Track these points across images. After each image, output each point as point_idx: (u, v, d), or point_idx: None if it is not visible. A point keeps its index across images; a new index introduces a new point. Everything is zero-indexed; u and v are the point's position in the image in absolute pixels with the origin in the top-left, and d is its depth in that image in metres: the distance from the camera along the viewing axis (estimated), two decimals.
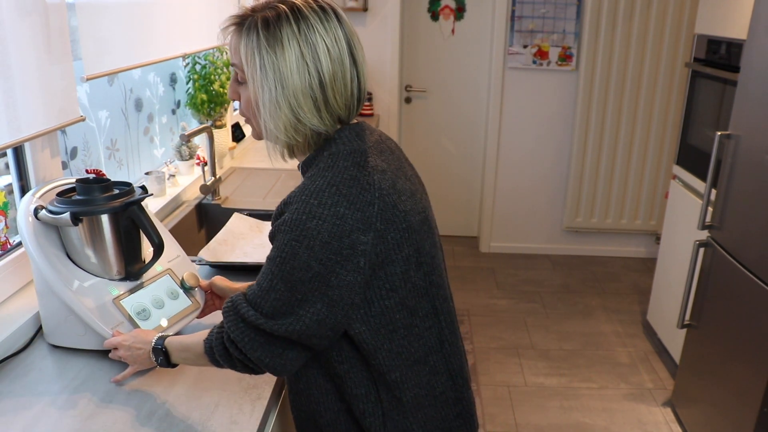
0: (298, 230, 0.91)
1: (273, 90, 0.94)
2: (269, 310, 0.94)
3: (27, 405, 1.07)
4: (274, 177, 2.41)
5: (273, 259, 0.93)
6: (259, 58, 0.94)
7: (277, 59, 0.93)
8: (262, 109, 0.96)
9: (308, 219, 0.91)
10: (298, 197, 0.93)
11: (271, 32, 0.93)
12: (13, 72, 1.19)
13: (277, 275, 0.93)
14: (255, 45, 0.94)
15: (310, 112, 0.96)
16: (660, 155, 3.84)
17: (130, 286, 1.23)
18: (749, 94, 2.06)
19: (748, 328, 2.00)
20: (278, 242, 0.93)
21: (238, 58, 0.97)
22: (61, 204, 1.16)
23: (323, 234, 0.90)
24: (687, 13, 3.53)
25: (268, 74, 0.94)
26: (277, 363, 0.96)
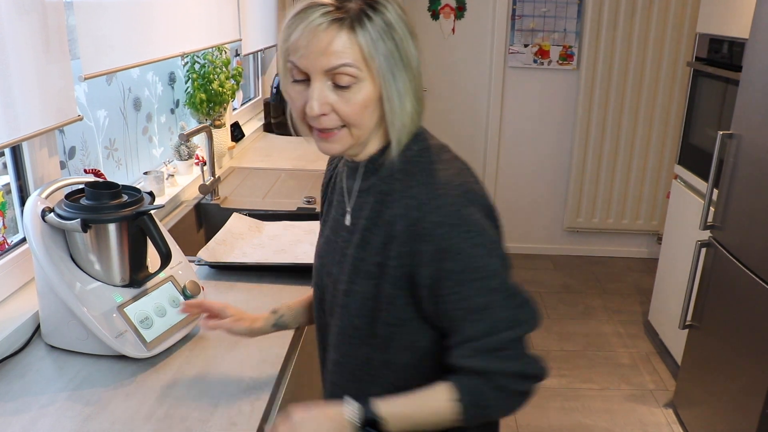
0: (461, 222, 0.85)
1: (400, 76, 0.86)
2: (510, 315, 0.87)
3: (25, 406, 1.06)
4: (274, 177, 2.41)
5: (464, 268, 0.85)
6: (383, 45, 0.84)
7: (397, 41, 0.86)
8: (389, 102, 0.87)
9: (461, 208, 0.87)
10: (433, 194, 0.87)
11: (379, 15, 0.85)
12: (11, 71, 1.18)
13: (480, 278, 0.86)
14: (374, 33, 0.84)
15: (421, 92, 0.90)
16: (661, 155, 3.83)
17: (134, 293, 1.22)
18: (751, 93, 2.06)
19: (750, 328, 1.99)
20: (452, 247, 0.85)
21: (353, 56, 0.84)
22: (71, 209, 1.14)
23: (478, 219, 0.87)
24: (688, 12, 3.53)
25: (394, 60, 0.86)
26: (544, 363, 0.91)
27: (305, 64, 0.86)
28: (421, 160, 0.92)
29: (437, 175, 0.89)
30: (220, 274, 1.55)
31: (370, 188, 0.95)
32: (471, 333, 0.87)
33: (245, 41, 2.70)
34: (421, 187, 0.88)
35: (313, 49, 0.84)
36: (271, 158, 2.70)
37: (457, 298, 0.86)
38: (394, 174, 0.92)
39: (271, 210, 1.96)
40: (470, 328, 0.87)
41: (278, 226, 1.83)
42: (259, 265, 1.56)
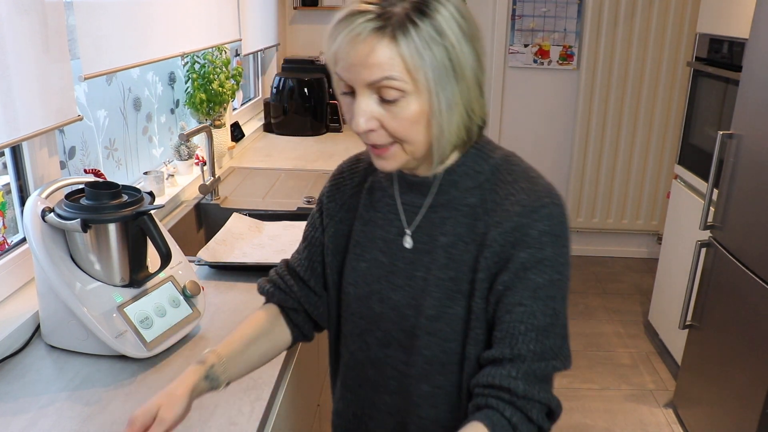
0: (563, 234, 0.82)
1: (449, 87, 0.78)
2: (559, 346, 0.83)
3: (25, 406, 1.06)
4: (274, 177, 2.41)
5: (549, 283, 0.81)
6: (428, 55, 0.76)
7: (448, 48, 0.77)
8: (439, 116, 0.79)
9: (565, 219, 0.83)
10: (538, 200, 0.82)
11: (430, 19, 0.76)
12: (10, 71, 1.18)
13: (557, 297, 0.82)
14: (420, 42, 0.76)
15: (477, 100, 0.83)
16: (661, 155, 3.83)
17: (134, 293, 1.22)
18: (751, 93, 2.06)
19: (750, 328, 1.99)
20: (549, 259, 0.81)
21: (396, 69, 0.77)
22: (71, 209, 1.14)
23: (569, 232, 0.84)
24: (689, 12, 3.53)
25: (442, 70, 0.77)
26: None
27: (348, 76, 0.80)
28: (513, 168, 0.87)
29: (539, 182, 0.85)
30: (220, 274, 1.55)
31: (451, 202, 0.88)
32: (524, 352, 0.81)
33: (245, 41, 2.70)
34: (525, 193, 0.83)
35: (354, 60, 0.77)
36: (271, 158, 2.70)
37: (524, 311, 0.81)
38: (482, 184, 0.87)
39: (271, 210, 1.96)
40: (525, 347, 0.81)
41: (278, 226, 1.83)
42: (259, 265, 1.56)
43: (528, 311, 0.81)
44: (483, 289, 0.84)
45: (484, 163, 0.88)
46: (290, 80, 3.05)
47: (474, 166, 0.88)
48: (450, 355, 0.88)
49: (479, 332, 0.86)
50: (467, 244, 0.86)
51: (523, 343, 0.81)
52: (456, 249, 0.86)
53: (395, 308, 0.92)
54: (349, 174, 1.02)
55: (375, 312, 0.94)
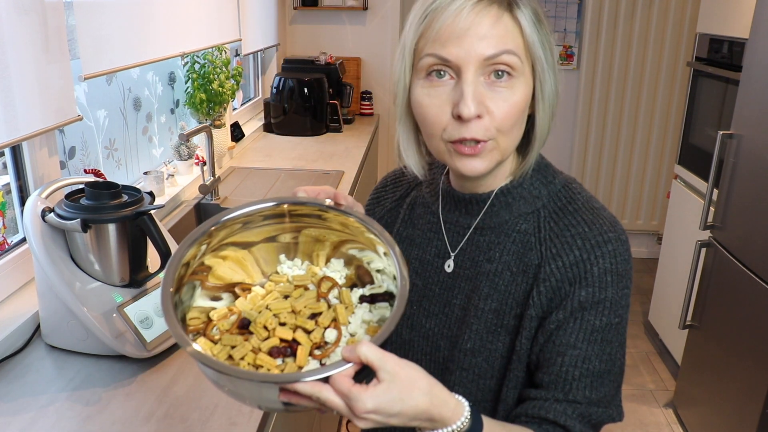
0: (625, 274, 0.76)
1: (549, 75, 0.74)
2: (612, 394, 0.77)
3: (25, 406, 1.06)
4: (274, 177, 2.41)
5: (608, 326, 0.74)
6: (539, 36, 0.72)
7: (549, 36, 0.74)
8: (542, 104, 0.75)
9: (629, 258, 0.76)
10: (603, 236, 0.75)
11: (532, 6, 0.73)
12: (10, 71, 1.18)
13: (614, 342, 0.75)
14: (536, 21, 0.72)
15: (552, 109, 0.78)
16: (661, 155, 3.83)
17: (134, 293, 1.22)
18: (751, 93, 2.06)
19: (751, 328, 1.99)
20: (608, 300, 0.74)
21: (514, 42, 0.71)
22: (71, 209, 1.14)
23: (632, 271, 0.77)
24: (689, 12, 3.53)
25: (548, 55, 0.73)
26: None
27: (457, 53, 0.70)
28: (575, 196, 0.80)
29: (602, 214, 0.78)
30: None
31: (502, 226, 0.81)
32: (579, 396, 0.75)
33: (245, 41, 2.70)
34: (588, 226, 0.76)
35: (472, 33, 0.69)
36: (271, 158, 2.70)
37: (578, 355, 0.74)
38: (539, 210, 0.80)
39: None
40: (580, 393, 0.74)
41: None
42: None
43: (582, 355, 0.74)
44: (532, 328, 0.77)
45: (543, 187, 0.81)
46: (290, 80, 3.05)
47: (531, 189, 0.80)
48: (485, 393, 0.81)
49: (519, 373, 0.79)
50: (515, 274, 0.79)
51: (578, 389, 0.75)
52: (502, 278, 0.79)
53: (427, 337, 0.85)
54: (392, 186, 0.96)
55: (403, 339, 0.87)
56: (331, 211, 0.73)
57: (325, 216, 0.74)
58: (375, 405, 0.59)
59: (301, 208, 0.74)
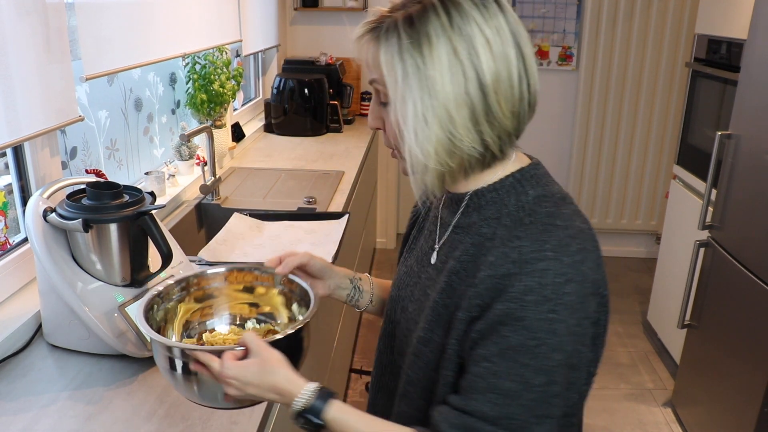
0: (556, 298, 0.71)
1: (419, 102, 0.74)
2: (523, 420, 0.72)
3: (27, 405, 1.06)
4: (274, 177, 2.41)
5: (521, 346, 0.72)
6: (401, 65, 0.74)
7: (423, 62, 0.74)
8: (406, 131, 0.76)
9: (565, 282, 0.72)
10: (540, 254, 0.73)
11: (415, 29, 0.74)
12: (12, 72, 1.18)
13: (531, 366, 0.72)
14: (396, 49, 0.75)
15: (464, 127, 0.75)
16: (660, 155, 3.84)
17: (135, 292, 1.22)
18: (749, 94, 2.06)
19: (749, 328, 2.00)
20: (527, 320, 0.71)
21: (378, 72, 0.77)
22: (72, 209, 1.15)
23: (574, 300, 0.72)
24: (687, 13, 3.53)
25: (412, 83, 0.74)
26: None
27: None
28: (538, 210, 0.78)
29: (553, 233, 0.75)
30: None
31: (470, 226, 0.83)
32: (474, 410, 0.74)
33: (246, 42, 2.71)
34: (529, 241, 0.75)
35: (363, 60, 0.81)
36: (271, 158, 2.71)
37: (488, 368, 0.74)
38: (502, 218, 0.80)
39: (271, 210, 1.97)
40: (477, 405, 0.74)
41: (279, 226, 1.84)
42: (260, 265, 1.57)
43: (493, 369, 0.73)
44: (459, 330, 0.78)
45: (514, 196, 0.81)
46: (290, 81, 3.06)
47: (504, 196, 0.81)
48: (431, 383, 0.84)
49: (448, 372, 0.80)
50: (467, 275, 0.80)
51: (478, 401, 0.74)
52: (457, 276, 0.81)
53: (407, 320, 0.90)
54: None
55: (397, 317, 0.93)
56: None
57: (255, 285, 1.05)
58: (234, 374, 0.78)
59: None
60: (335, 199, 2.18)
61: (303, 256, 0.99)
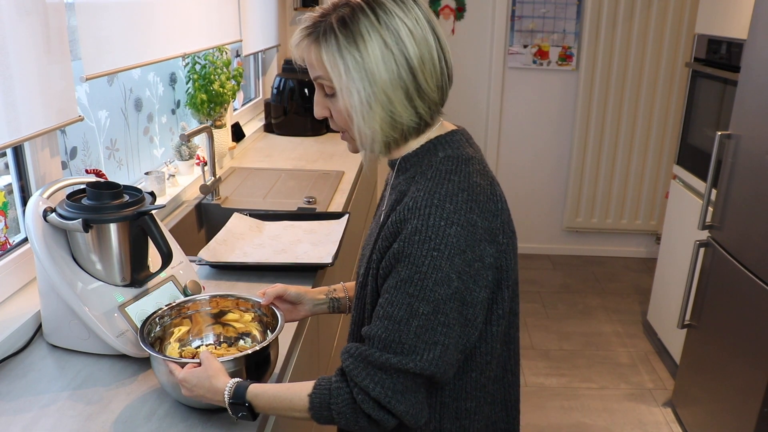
0: (438, 238, 0.84)
1: (362, 91, 0.88)
2: (411, 345, 0.84)
3: (27, 405, 1.07)
4: (274, 177, 2.41)
5: (409, 279, 0.84)
6: (342, 61, 0.88)
7: (361, 56, 0.87)
8: (355, 115, 0.90)
9: (447, 225, 0.84)
10: (428, 201, 0.86)
11: (349, 29, 0.88)
12: (12, 72, 1.18)
13: (417, 296, 0.84)
14: (335, 48, 0.88)
15: (401, 105, 0.90)
16: (660, 155, 3.84)
17: (135, 292, 1.23)
18: (749, 93, 2.06)
19: (749, 328, 2.00)
20: (413, 256, 0.84)
21: (322, 69, 0.91)
22: (72, 209, 1.15)
23: (461, 242, 0.84)
24: (687, 13, 3.53)
25: (354, 75, 0.88)
26: (419, 412, 0.88)
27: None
28: (441, 168, 0.91)
29: (444, 185, 0.88)
30: (220, 274, 1.56)
31: (397, 186, 0.97)
32: (372, 333, 0.87)
33: (246, 42, 2.71)
34: (424, 192, 0.88)
35: (305, 60, 0.93)
36: (271, 158, 2.71)
37: (387, 298, 0.87)
38: (416, 176, 0.93)
39: (271, 210, 1.97)
40: (375, 330, 0.87)
41: (279, 226, 1.84)
42: (260, 265, 1.57)
43: (388, 299, 0.87)
44: (373, 269, 0.93)
45: (428, 158, 0.94)
46: (291, 81, 3.06)
47: (422, 158, 0.95)
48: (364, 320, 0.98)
49: (369, 308, 0.95)
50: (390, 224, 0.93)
51: (375, 326, 0.87)
52: (384, 229, 0.93)
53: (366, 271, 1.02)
54: None
55: (361, 272, 1.04)
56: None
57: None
58: (183, 377, 0.97)
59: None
60: (335, 199, 2.18)
61: (279, 288, 1.17)
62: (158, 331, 1.13)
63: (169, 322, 1.16)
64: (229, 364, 1.01)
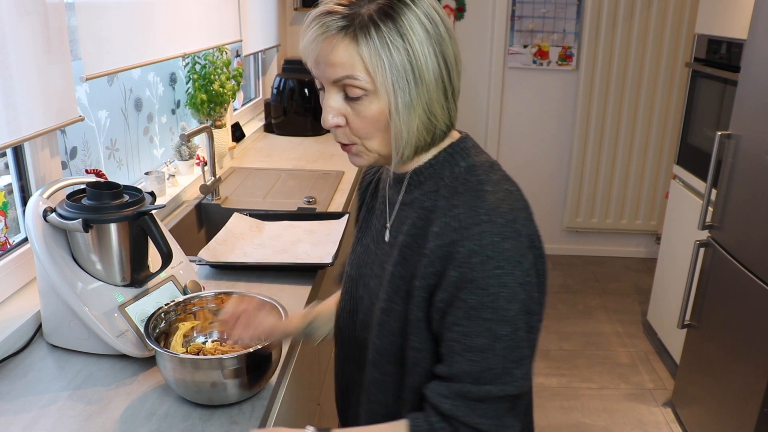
0: (497, 255, 0.79)
1: (407, 89, 0.80)
2: (502, 368, 0.80)
3: (27, 405, 1.07)
4: (274, 177, 2.41)
5: (480, 305, 0.79)
6: (387, 56, 0.79)
7: (409, 51, 0.79)
8: (396, 116, 0.82)
9: (501, 240, 0.79)
10: (474, 218, 0.80)
11: (394, 21, 0.79)
12: (12, 72, 1.18)
13: (493, 320, 0.79)
14: (379, 43, 0.78)
15: (439, 106, 0.84)
16: (660, 155, 3.84)
17: (135, 292, 1.23)
18: (749, 93, 2.06)
19: (749, 328, 2.00)
20: (477, 280, 0.79)
21: (355, 68, 0.80)
22: (72, 209, 1.15)
23: (516, 254, 0.80)
24: (687, 13, 3.53)
25: (401, 72, 0.79)
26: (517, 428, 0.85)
27: (316, 73, 0.84)
28: (470, 179, 0.86)
29: (485, 198, 0.83)
30: (220, 274, 1.56)
31: (413, 202, 0.90)
32: (458, 371, 0.82)
33: (246, 42, 2.71)
34: (465, 208, 0.82)
35: (319, 58, 0.82)
36: (271, 158, 2.71)
37: (460, 331, 0.81)
38: (440, 190, 0.87)
39: (271, 210, 1.97)
40: (459, 366, 0.81)
41: (279, 226, 1.84)
42: (260, 264, 1.57)
43: (464, 331, 0.81)
44: (420, 298, 0.85)
45: (449, 168, 0.88)
46: (291, 81, 3.06)
47: (440, 170, 0.89)
48: (397, 349, 0.91)
49: (415, 339, 0.87)
50: (418, 246, 0.87)
51: (459, 363, 0.81)
52: (409, 249, 0.88)
53: (370, 295, 0.96)
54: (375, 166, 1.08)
55: (360, 294, 1.00)
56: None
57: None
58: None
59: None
60: (335, 199, 2.18)
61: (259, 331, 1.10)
62: (164, 327, 1.14)
63: (174, 318, 1.17)
64: (231, 362, 1.02)
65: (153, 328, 1.09)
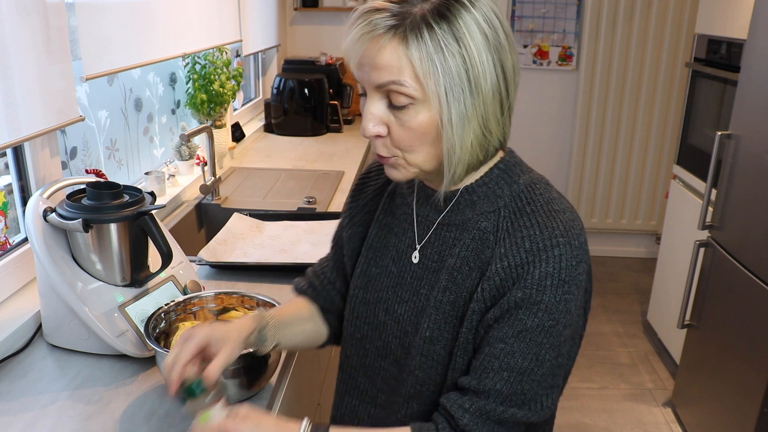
0: (571, 280, 0.74)
1: (462, 99, 0.72)
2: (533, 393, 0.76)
3: (27, 405, 1.07)
4: (274, 177, 2.41)
5: (539, 327, 0.74)
6: (440, 61, 0.70)
7: (465, 57, 0.71)
8: (449, 128, 0.73)
9: (577, 263, 0.75)
10: (551, 240, 0.75)
11: (449, 23, 0.71)
12: (12, 72, 1.18)
13: (545, 344, 0.75)
14: (433, 47, 0.70)
15: (495, 120, 0.76)
16: (660, 155, 3.84)
17: (135, 292, 1.23)
18: (749, 94, 2.06)
19: (749, 328, 2.00)
20: (545, 303, 0.74)
21: (404, 73, 0.72)
22: (72, 209, 1.15)
23: (585, 278, 0.76)
24: (687, 13, 3.53)
25: (455, 80, 0.71)
26: None
27: (358, 76, 0.77)
28: (535, 198, 0.80)
29: (558, 218, 0.77)
30: (220, 274, 1.56)
31: (465, 223, 0.83)
32: (488, 387, 0.77)
33: (246, 42, 2.71)
34: (539, 229, 0.76)
35: (363, 60, 0.74)
36: (271, 158, 2.71)
37: (504, 348, 0.76)
38: (500, 210, 0.81)
39: (271, 210, 1.97)
40: (491, 384, 0.76)
41: (279, 226, 1.84)
42: (260, 264, 1.57)
43: (508, 350, 0.76)
44: (473, 320, 0.80)
45: (507, 186, 0.82)
46: (291, 81, 3.06)
47: (495, 188, 0.82)
48: (442, 378, 0.85)
49: (459, 360, 0.82)
50: (472, 269, 0.81)
51: (492, 379, 0.76)
52: (460, 273, 0.82)
53: (398, 321, 0.89)
54: (375, 174, 0.99)
55: (379, 320, 0.92)
56: None
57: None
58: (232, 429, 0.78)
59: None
60: (335, 199, 2.18)
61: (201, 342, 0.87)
62: (164, 327, 1.14)
63: (174, 318, 1.17)
64: None
65: (153, 328, 1.09)
